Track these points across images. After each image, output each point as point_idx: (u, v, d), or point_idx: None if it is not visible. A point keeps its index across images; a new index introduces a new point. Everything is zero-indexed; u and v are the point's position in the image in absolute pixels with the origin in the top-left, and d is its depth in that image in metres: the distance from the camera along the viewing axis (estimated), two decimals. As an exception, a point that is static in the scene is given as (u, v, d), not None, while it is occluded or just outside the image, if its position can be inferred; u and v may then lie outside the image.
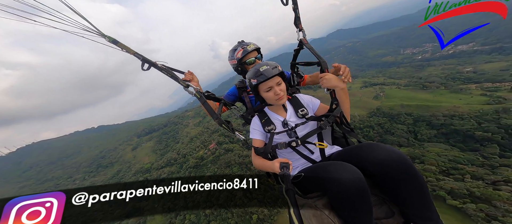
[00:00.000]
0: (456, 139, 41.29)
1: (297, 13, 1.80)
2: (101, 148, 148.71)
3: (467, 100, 50.33)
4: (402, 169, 1.10)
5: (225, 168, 56.52)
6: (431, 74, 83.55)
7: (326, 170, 1.21)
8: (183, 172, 66.21)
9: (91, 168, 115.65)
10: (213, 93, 1.87)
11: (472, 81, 64.13)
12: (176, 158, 77.76)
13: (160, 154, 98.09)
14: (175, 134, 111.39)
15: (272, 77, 1.51)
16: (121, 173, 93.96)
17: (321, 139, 1.60)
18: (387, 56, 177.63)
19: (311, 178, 1.33)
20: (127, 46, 1.38)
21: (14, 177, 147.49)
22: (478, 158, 32.60)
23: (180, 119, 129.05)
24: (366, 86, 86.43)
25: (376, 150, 1.19)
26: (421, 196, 1.10)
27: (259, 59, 2.08)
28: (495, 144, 35.44)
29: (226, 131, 1.74)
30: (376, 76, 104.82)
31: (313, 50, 1.81)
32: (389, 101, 64.17)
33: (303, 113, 1.66)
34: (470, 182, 27.31)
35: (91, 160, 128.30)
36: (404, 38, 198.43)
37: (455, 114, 45.14)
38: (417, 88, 70.10)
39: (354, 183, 1.06)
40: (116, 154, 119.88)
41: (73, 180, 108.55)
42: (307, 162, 1.59)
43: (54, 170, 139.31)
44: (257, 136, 1.68)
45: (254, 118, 1.76)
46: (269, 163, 1.45)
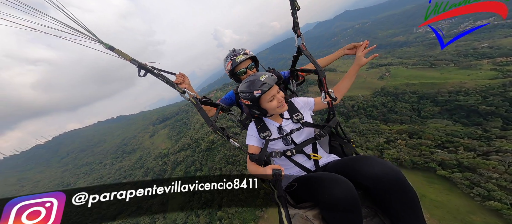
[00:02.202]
0: (460, 114, 41.64)
1: (296, 18, 1.75)
2: (123, 136, 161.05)
3: (475, 75, 49.10)
4: (395, 184, 1.13)
5: (234, 150, 60.94)
6: (444, 52, 79.77)
7: (320, 182, 1.23)
8: (197, 155, 71.82)
9: (117, 154, 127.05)
10: (210, 99, 1.85)
11: (486, 56, 61.19)
12: (189, 143, 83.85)
13: (175, 140, 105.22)
14: (187, 121, 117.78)
15: (273, 86, 1.50)
16: (143, 158, 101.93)
17: (316, 149, 1.63)
18: (398, 36, 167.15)
19: (304, 187, 1.33)
20: (124, 52, 1.37)
21: (55, 162, 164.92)
22: (476, 131, 33.53)
23: (190, 107, 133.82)
24: (372, 67, 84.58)
25: (371, 165, 1.22)
26: (412, 211, 1.12)
27: (252, 69, 2.00)
28: (499, 118, 35.62)
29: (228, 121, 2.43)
30: (384, 57, 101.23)
31: (311, 57, 1.81)
32: (394, 81, 63.57)
33: (297, 118, 1.66)
34: (462, 154, 28.87)
35: (116, 147, 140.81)
36: (417, 16, 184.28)
37: (461, 90, 44.89)
38: (425, 66, 68.24)
39: (346, 198, 1.07)
40: (136, 142, 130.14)
41: (104, 165, 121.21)
42: (302, 170, 1.59)
43: (87, 156, 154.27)
44: (252, 142, 1.68)
45: (251, 124, 1.77)
46: (262, 170, 1.47)
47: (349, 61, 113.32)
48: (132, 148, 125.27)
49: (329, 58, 2.02)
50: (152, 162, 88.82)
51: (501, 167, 24.25)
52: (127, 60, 1.40)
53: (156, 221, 51.55)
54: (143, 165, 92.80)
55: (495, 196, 21.89)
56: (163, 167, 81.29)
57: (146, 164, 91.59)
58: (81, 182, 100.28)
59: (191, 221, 48.35)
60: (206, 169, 63.79)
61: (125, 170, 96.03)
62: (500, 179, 23.14)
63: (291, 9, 1.73)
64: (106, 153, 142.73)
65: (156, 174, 79.51)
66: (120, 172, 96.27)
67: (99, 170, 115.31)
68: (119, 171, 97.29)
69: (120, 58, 1.38)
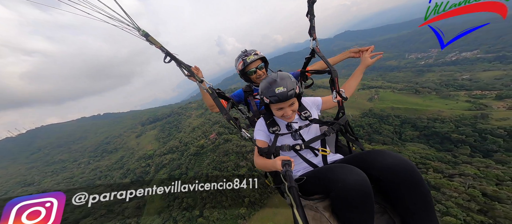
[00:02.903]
0: (435, 140, 44.77)
1: (313, 22, 1.79)
2: (107, 134, 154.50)
3: (452, 105, 53.46)
4: (408, 176, 1.08)
5: (223, 156, 60.70)
6: (428, 80, 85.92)
7: (332, 171, 1.20)
8: (184, 159, 70.58)
9: (96, 153, 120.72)
10: (223, 92, 1.92)
11: (464, 88, 66.76)
12: (178, 146, 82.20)
13: (162, 142, 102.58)
14: (178, 124, 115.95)
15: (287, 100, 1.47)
16: (124, 159, 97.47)
17: (324, 145, 1.62)
18: (391, 60, 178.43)
19: (315, 178, 1.31)
20: (156, 40, 1.49)
21: (23, 158, 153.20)
22: (446, 156, 36.24)
23: (183, 110, 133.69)
24: (363, 88, 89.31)
25: (383, 156, 1.20)
26: (424, 205, 1.07)
27: (261, 69, 2.11)
28: (467, 146, 38.93)
29: (226, 124, 2.71)
30: (375, 79, 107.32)
31: (325, 59, 1.86)
32: (381, 103, 67.37)
33: (306, 116, 1.68)
34: (431, 174, 31.12)
35: (96, 145, 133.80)
36: (411, 42, 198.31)
37: (438, 118, 48.43)
38: (410, 92, 72.89)
39: (359, 185, 1.03)
40: (120, 141, 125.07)
41: (78, 164, 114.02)
42: (309, 166, 1.59)
43: (61, 153, 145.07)
44: (261, 137, 1.70)
45: (259, 119, 1.79)
46: (270, 162, 1.44)
47: (343, 80, 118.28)
48: (114, 147, 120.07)
49: (333, 59, 2.13)
50: (134, 163, 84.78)
51: (461, 188, 26.48)
52: (156, 47, 1.55)
53: None
54: (123, 166, 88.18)
55: (452, 212, 24.02)
56: (146, 169, 77.89)
57: (127, 165, 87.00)
58: (47, 181, 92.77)
59: (168, 227, 47.00)
60: (192, 173, 62.58)
61: (102, 170, 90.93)
62: (458, 198, 25.34)
63: (309, 14, 1.78)
64: (84, 151, 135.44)
65: (136, 176, 76.17)
66: (95, 172, 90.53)
67: (71, 169, 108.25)
68: (94, 171, 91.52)
69: (151, 44, 1.51)
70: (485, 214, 23.57)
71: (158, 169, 74.16)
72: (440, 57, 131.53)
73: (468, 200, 25.31)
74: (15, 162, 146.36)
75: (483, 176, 28.64)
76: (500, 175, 28.33)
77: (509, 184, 26.52)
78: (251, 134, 1.81)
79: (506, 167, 30.69)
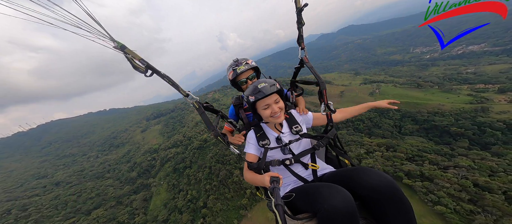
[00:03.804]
0: (434, 133, 45.15)
1: (301, 32, 1.76)
2: (113, 129, 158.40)
3: (453, 99, 53.26)
4: (391, 194, 1.15)
5: (225, 150, 62.29)
6: (432, 74, 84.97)
7: (318, 191, 1.22)
8: (188, 153, 72.56)
9: (104, 147, 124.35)
10: (211, 105, 1.84)
11: (468, 82, 66.12)
12: (182, 140, 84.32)
13: (167, 136, 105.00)
14: (182, 119, 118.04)
15: (269, 95, 1.53)
16: (131, 153, 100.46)
17: (314, 160, 1.64)
18: (395, 54, 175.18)
19: (303, 197, 1.32)
20: (134, 52, 1.34)
21: (35, 152, 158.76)
22: (443, 149, 36.74)
23: (187, 105, 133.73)
24: (365, 83, 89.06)
25: (368, 175, 1.24)
26: (407, 221, 1.14)
27: (253, 79, 2.07)
28: (466, 139, 39.27)
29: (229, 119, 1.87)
30: (377, 74, 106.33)
31: (313, 70, 1.80)
32: (382, 98, 67.07)
33: (297, 130, 1.68)
34: (426, 166, 31.91)
35: (103, 140, 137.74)
36: (416, 35, 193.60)
37: (438, 112, 48.52)
38: (412, 86, 72.52)
39: (345, 208, 1.06)
40: (127, 135, 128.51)
41: (88, 157, 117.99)
42: (299, 180, 1.60)
43: (71, 147, 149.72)
44: (251, 150, 1.69)
45: (250, 132, 1.79)
46: (259, 177, 1.44)
47: (346, 75, 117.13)
48: (121, 142, 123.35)
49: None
50: (140, 157, 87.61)
51: (454, 179, 27.35)
52: (135, 60, 1.38)
53: (135, 217, 51.50)
54: (130, 159, 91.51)
55: (443, 202, 25.07)
56: (152, 163, 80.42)
57: (133, 159, 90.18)
58: (60, 173, 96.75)
59: (174, 217, 48.66)
60: (196, 166, 64.61)
61: (110, 163, 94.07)
62: (450, 188, 26.20)
63: (297, 23, 1.74)
64: (92, 145, 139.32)
65: (142, 170, 78.58)
66: (104, 165, 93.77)
67: (81, 163, 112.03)
68: (103, 165, 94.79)
69: (129, 57, 1.35)
70: (475, 203, 24.50)
71: (163, 162, 76.65)
72: (446, 51, 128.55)
73: (459, 190, 26.22)
74: (27, 156, 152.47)
75: (476, 168, 29.29)
76: (494, 167, 28.94)
77: (502, 175, 27.17)
78: (239, 150, 1.80)
79: (502, 159, 31.18)
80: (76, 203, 61.53)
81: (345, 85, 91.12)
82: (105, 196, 63.52)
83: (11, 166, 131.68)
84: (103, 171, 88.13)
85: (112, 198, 62.36)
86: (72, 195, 66.66)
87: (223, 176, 52.32)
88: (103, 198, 62.52)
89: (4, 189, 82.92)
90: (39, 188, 78.64)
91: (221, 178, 52.44)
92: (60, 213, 56.64)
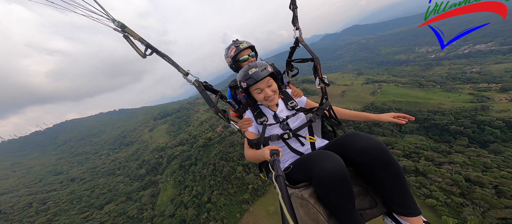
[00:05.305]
0: (434, 132, 45.66)
1: (296, 12, 1.80)
2: (123, 128, 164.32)
3: (454, 98, 53.41)
4: (379, 156, 1.16)
5: (229, 148, 64.56)
6: (435, 73, 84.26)
7: (312, 159, 1.25)
8: (193, 151, 75.24)
9: (114, 146, 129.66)
10: (210, 84, 1.85)
11: (471, 81, 65.67)
12: (187, 139, 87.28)
13: (173, 135, 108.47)
14: (187, 118, 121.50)
15: (262, 79, 1.55)
16: (140, 151, 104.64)
17: (312, 133, 1.67)
18: (400, 54, 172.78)
19: (299, 168, 1.35)
20: (134, 31, 1.39)
21: (51, 150, 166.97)
22: (440, 146, 37.48)
23: (192, 105, 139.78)
24: (367, 83, 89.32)
25: (357, 139, 1.25)
26: (398, 184, 1.17)
27: (253, 57, 2.13)
28: (465, 137, 39.77)
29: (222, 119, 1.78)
30: (380, 74, 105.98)
31: (308, 47, 1.85)
32: (383, 97, 67.93)
33: (292, 105, 1.74)
34: (421, 162, 32.93)
35: (114, 139, 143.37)
36: (421, 35, 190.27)
37: (438, 110, 48.99)
38: (414, 86, 72.55)
39: (335, 170, 1.09)
40: (135, 134, 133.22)
41: (99, 155, 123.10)
42: (296, 155, 1.62)
43: (84, 146, 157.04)
44: (250, 129, 1.73)
45: (247, 112, 1.84)
46: (259, 152, 1.47)
47: (349, 75, 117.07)
48: (130, 141, 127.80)
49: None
50: (148, 155, 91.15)
51: (447, 174, 28.35)
52: (135, 39, 1.41)
53: (144, 212, 53.77)
54: (139, 157, 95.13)
55: (434, 195, 26.13)
56: (159, 160, 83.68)
57: (142, 156, 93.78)
58: (74, 170, 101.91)
59: (179, 212, 50.82)
60: (201, 163, 67.09)
61: (120, 161, 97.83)
62: (442, 183, 27.25)
63: (292, 4, 1.79)
64: (103, 143, 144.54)
65: (150, 167, 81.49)
66: (115, 163, 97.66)
67: (94, 160, 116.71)
68: (114, 162, 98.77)
69: (130, 36, 1.39)
70: (465, 197, 25.57)
71: (170, 160, 79.72)
72: (452, 50, 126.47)
73: (451, 185, 27.28)
74: (44, 154, 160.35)
75: (470, 164, 30.17)
76: (488, 163, 29.69)
77: (495, 171, 28.03)
78: None
79: (499, 156, 31.77)
80: (90, 198, 65.39)
81: (347, 85, 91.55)
82: (116, 192, 67.13)
83: (30, 163, 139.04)
84: (114, 168, 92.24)
85: (122, 194, 65.78)
86: (86, 191, 70.87)
87: (226, 172, 54.48)
88: (114, 194, 66.07)
89: (25, 185, 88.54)
90: (56, 183, 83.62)
91: (224, 174, 54.61)
92: (75, 207, 60.51)
